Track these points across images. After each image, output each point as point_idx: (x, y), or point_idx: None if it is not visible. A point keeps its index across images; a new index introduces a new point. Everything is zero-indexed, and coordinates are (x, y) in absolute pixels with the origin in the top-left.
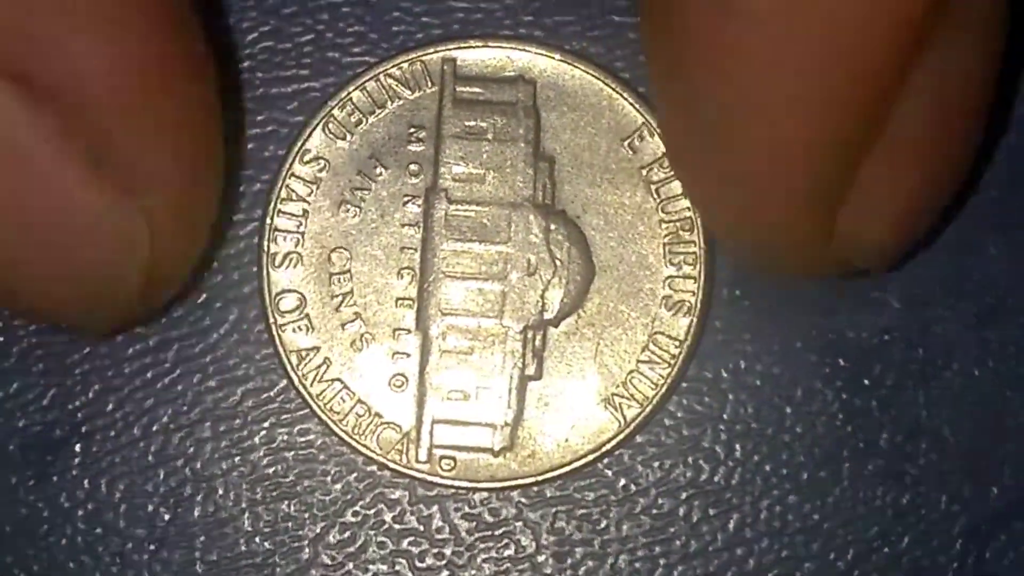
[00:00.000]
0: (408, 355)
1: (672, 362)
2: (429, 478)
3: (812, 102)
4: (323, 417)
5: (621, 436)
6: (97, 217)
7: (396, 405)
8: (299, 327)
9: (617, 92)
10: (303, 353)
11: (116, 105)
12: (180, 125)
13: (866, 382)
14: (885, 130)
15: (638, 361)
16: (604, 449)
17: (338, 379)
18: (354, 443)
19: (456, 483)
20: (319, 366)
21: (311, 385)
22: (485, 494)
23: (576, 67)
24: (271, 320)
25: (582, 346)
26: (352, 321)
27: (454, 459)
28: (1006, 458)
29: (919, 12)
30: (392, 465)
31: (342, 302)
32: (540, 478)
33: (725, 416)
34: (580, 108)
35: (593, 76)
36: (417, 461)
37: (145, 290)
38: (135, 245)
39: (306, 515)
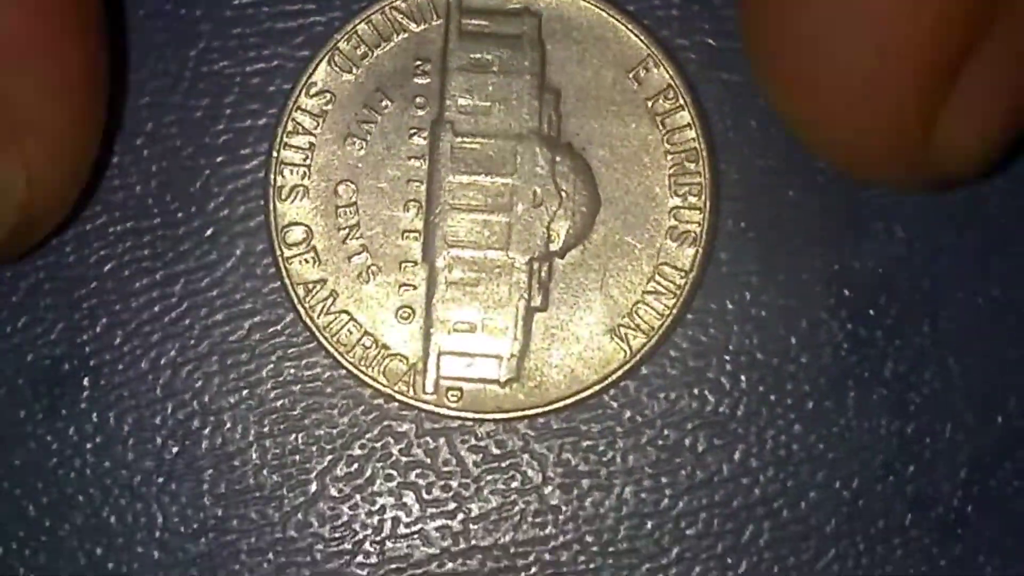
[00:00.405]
0: (414, 287)
1: (678, 293)
2: (436, 409)
3: (916, 4)
4: (330, 349)
5: (627, 366)
6: None
7: (403, 337)
8: (306, 259)
9: (622, 23)
10: (310, 286)
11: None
12: (60, 73)
13: (871, 312)
14: (987, 34)
15: (644, 292)
16: (610, 380)
17: (345, 311)
18: (361, 375)
19: (463, 414)
20: (326, 298)
21: (318, 317)
22: (492, 426)
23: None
24: (278, 253)
25: (588, 277)
26: (359, 253)
27: (460, 390)
28: (1010, 388)
29: None
30: (399, 397)
31: (348, 234)
32: (546, 409)
33: (730, 347)
34: (585, 40)
35: (598, 8)
36: (424, 392)
37: (18, 230)
38: (8, 189)
39: (313, 448)
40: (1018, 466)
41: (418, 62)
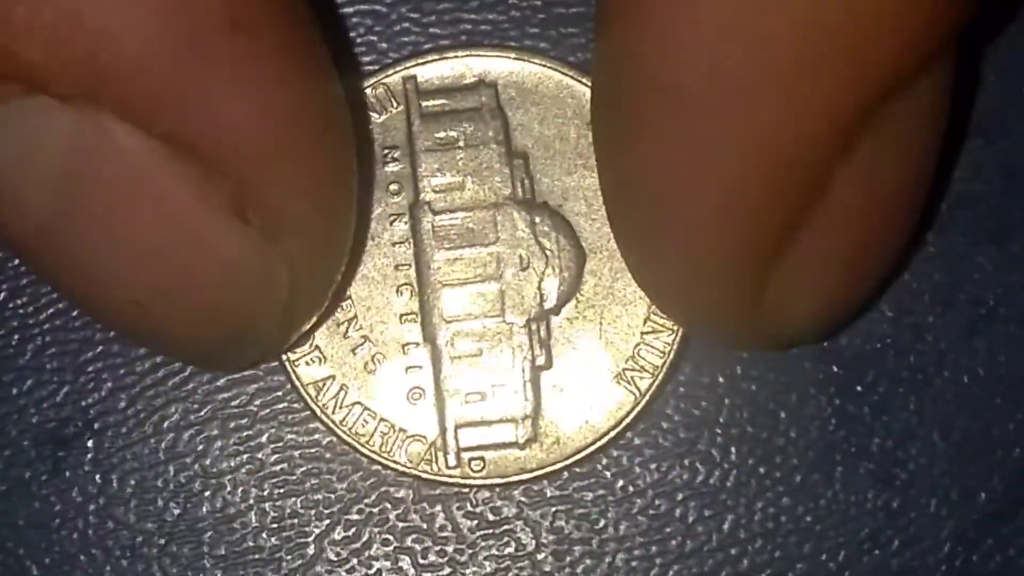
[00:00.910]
0: (421, 367)
1: (675, 329)
2: (462, 481)
3: (738, 183)
4: (350, 441)
5: (639, 408)
6: (239, 261)
7: (418, 417)
8: (311, 359)
9: (574, 79)
10: (320, 383)
11: (257, 154)
12: (318, 170)
13: (859, 388)
14: (813, 210)
15: (642, 333)
16: (625, 423)
17: (357, 403)
18: (384, 461)
19: (489, 482)
20: (337, 393)
21: (333, 413)
22: (487, 493)
23: (531, 62)
24: (284, 358)
25: (586, 328)
26: (361, 345)
27: (483, 459)
28: (994, 464)
29: (848, 115)
30: (425, 476)
31: (348, 328)
32: (568, 462)
33: (721, 420)
34: (542, 101)
35: (548, 68)
36: (448, 468)
37: (283, 327)
38: (274, 286)
39: (312, 512)
40: (1001, 541)
41: (386, 150)
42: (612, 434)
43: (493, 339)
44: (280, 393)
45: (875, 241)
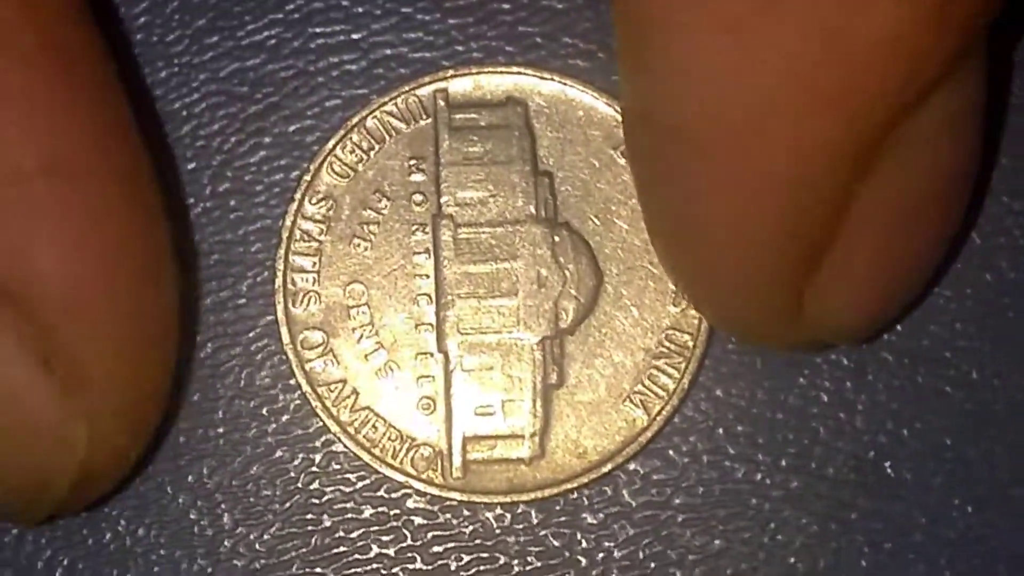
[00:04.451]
0: (433, 377)
1: (687, 355)
2: (468, 495)
3: (755, 217)
4: (356, 446)
5: (650, 432)
6: (35, 412)
7: (427, 427)
8: (325, 362)
9: (604, 102)
10: (332, 386)
11: (64, 302)
12: (131, 325)
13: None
14: (846, 221)
15: (654, 357)
16: (634, 445)
17: (368, 408)
18: (389, 467)
19: (492, 498)
20: (348, 396)
21: (341, 415)
22: (499, 510)
23: (563, 83)
24: (297, 358)
25: (599, 349)
26: (375, 351)
27: (490, 473)
28: None
29: (854, 148)
30: (427, 488)
31: (363, 334)
32: (575, 483)
33: (733, 443)
34: (570, 123)
35: (579, 90)
36: (452, 479)
37: (77, 488)
38: (71, 445)
39: (315, 513)
40: None
41: (413, 160)
42: (621, 456)
43: (507, 355)
44: (289, 393)
45: (909, 249)
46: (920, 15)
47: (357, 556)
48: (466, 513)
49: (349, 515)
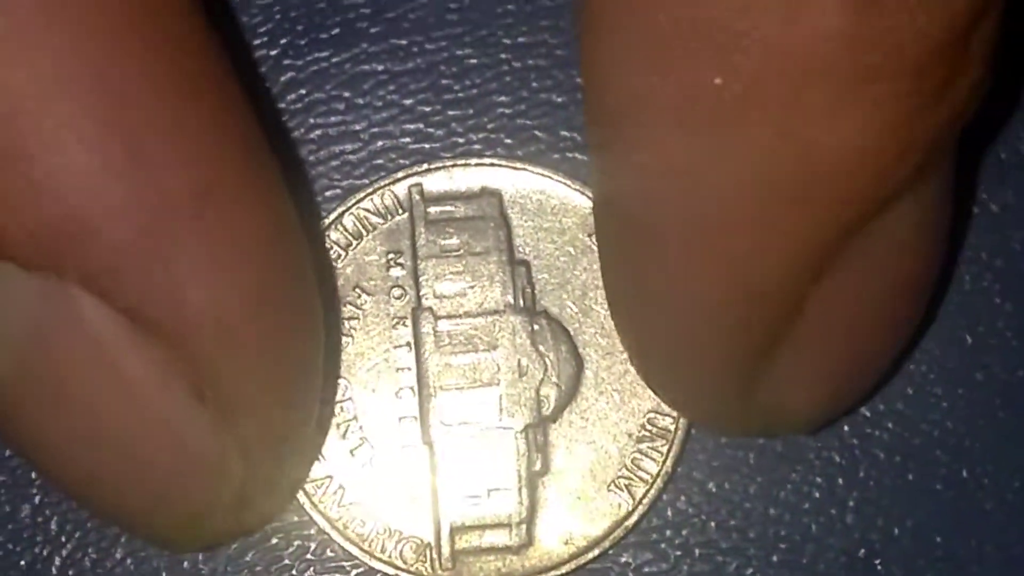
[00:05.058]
0: (418, 469)
1: (669, 437)
2: None
3: (708, 309)
4: (344, 542)
5: (635, 516)
6: (192, 443)
7: (415, 519)
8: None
9: (578, 191)
10: (319, 483)
11: (219, 335)
12: (280, 356)
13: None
14: (800, 321)
15: (637, 441)
16: (620, 531)
17: (356, 503)
18: (379, 561)
19: None
20: (335, 492)
21: (330, 511)
22: None
23: (535, 174)
24: None
25: (583, 435)
26: (360, 446)
27: (478, 563)
28: None
29: (807, 257)
30: None
31: (348, 429)
32: (563, 569)
33: (718, 526)
34: (545, 212)
35: (553, 180)
36: (442, 570)
37: (235, 514)
38: (227, 472)
39: None
40: None
41: (391, 255)
42: (607, 541)
43: (490, 444)
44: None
45: (861, 349)
46: (887, 129)
47: None
48: None
49: None
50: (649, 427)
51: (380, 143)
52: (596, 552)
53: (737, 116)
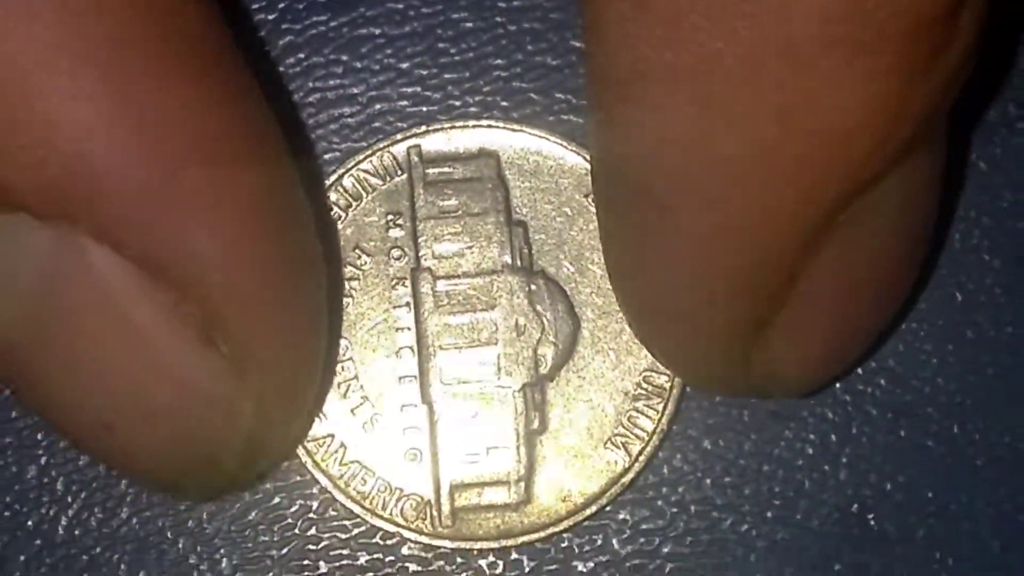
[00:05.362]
0: (418, 428)
1: (665, 395)
2: (455, 543)
3: (704, 276)
4: (346, 499)
5: (632, 473)
6: (205, 390)
7: (415, 477)
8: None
9: (572, 151)
10: (320, 441)
11: (229, 284)
12: (291, 305)
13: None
14: (795, 289)
15: (633, 399)
16: (616, 488)
17: (356, 461)
18: (380, 518)
19: (480, 545)
20: (337, 451)
21: (331, 469)
22: (491, 557)
23: (533, 135)
24: None
25: (580, 394)
26: (360, 405)
27: (477, 520)
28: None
29: (802, 226)
30: (418, 536)
31: (349, 388)
32: (561, 526)
33: (713, 483)
34: (542, 173)
35: (550, 141)
36: (442, 527)
37: (245, 460)
38: (239, 417)
39: (310, 566)
40: None
41: (390, 216)
42: (604, 498)
43: (489, 403)
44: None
45: (855, 316)
46: (883, 100)
47: None
48: (459, 560)
49: (345, 561)
50: (645, 385)
51: (378, 106)
52: (593, 509)
53: (739, 85)
